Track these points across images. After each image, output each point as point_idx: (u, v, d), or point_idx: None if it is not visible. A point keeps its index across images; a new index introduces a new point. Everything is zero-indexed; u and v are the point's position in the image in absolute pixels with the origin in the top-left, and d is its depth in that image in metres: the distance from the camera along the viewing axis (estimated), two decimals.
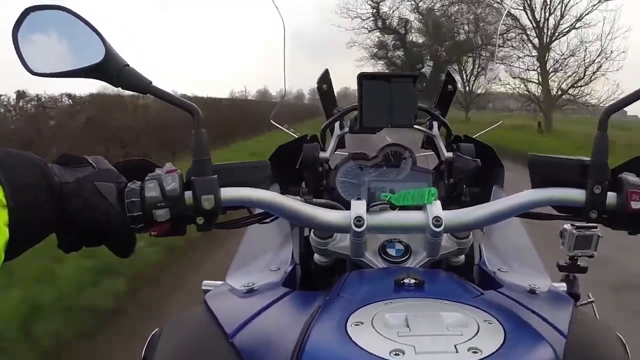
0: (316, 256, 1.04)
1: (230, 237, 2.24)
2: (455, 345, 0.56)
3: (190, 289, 2.97)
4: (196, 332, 0.77)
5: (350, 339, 0.58)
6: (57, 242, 0.75)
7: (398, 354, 0.54)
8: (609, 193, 0.81)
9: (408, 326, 0.60)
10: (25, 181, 0.65)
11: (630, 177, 0.81)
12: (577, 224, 1.28)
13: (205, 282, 1.27)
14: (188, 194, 0.77)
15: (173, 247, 4.18)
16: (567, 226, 1.31)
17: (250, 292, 0.89)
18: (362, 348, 0.56)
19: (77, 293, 3.14)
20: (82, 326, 2.85)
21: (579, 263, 1.41)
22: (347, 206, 0.84)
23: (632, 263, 4.13)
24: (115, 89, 0.83)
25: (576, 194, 0.83)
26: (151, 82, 0.79)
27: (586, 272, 1.41)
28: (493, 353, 0.55)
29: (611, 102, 0.83)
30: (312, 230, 0.96)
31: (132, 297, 3.33)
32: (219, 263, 2.00)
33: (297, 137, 1.36)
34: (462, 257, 1.03)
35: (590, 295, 1.52)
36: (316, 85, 1.36)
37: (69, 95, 9.96)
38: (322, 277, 1.04)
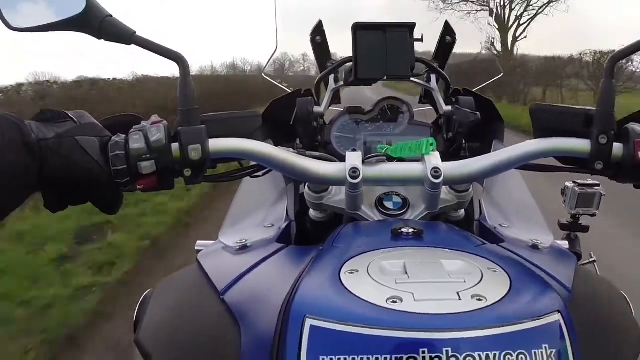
0: (311, 212, 1.01)
1: None
2: (457, 292, 0.53)
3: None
4: (187, 290, 0.75)
5: (344, 287, 0.55)
6: (43, 201, 0.73)
7: (395, 301, 0.51)
8: (615, 144, 0.78)
9: (407, 273, 0.57)
10: (0, 142, 0.63)
11: (638, 127, 0.78)
12: (580, 181, 1.26)
13: (199, 242, 1.25)
14: (175, 146, 0.74)
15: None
16: (569, 184, 1.29)
17: (243, 248, 0.86)
18: (356, 296, 0.53)
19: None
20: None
21: (580, 222, 1.40)
22: (342, 160, 0.81)
23: None
24: None
25: (581, 144, 0.80)
26: (135, 32, 0.76)
27: (588, 231, 1.40)
28: (499, 300, 0.52)
29: (618, 49, 0.79)
30: (307, 184, 0.93)
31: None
32: None
33: (290, 91, 1.32)
34: (462, 211, 1.01)
35: (592, 255, 1.50)
36: (309, 38, 1.32)
37: None
38: (317, 233, 1.02)
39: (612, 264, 2.84)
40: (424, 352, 0.46)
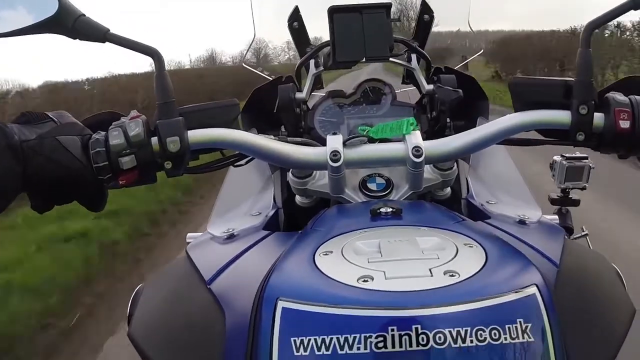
0: (297, 197, 1.01)
1: None
2: (430, 269, 0.52)
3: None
4: (177, 283, 0.75)
5: (317, 267, 0.55)
6: (30, 202, 0.74)
7: (367, 280, 0.51)
8: (596, 114, 0.78)
9: (380, 252, 0.57)
10: None
11: (618, 96, 0.78)
12: (568, 155, 1.25)
13: (189, 234, 1.25)
14: (154, 140, 0.75)
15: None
16: (557, 158, 1.28)
17: (231, 237, 0.87)
18: (327, 276, 0.53)
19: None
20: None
21: (570, 196, 1.39)
22: (325, 145, 0.81)
23: None
24: None
25: (561, 115, 0.79)
26: (109, 30, 0.76)
27: (579, 205, 1.39)
28: (472, 276, 0.51)
29: (594, 17, 0.78)
30: (290, 170, 0.92)
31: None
32: None
33: (271, 79, 1.31)
34: (448, 190, 1.00)
35: (584, 229, 1.50)
36: (287, 24, 1.31)
37: None
38: (305, 219, 1.01)
39: None
40: (392, 330, 0.46)
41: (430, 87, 1.20)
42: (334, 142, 0.79)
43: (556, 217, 1.36)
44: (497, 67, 19.92)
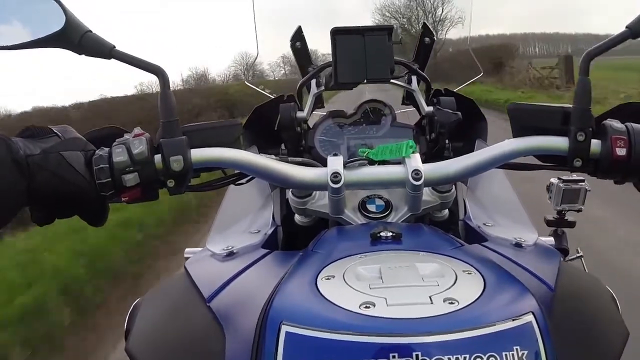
0: (297, 217, 1.02)
1: None
2: (430, 296, 0.53)
3: None
4: (175, 298, 0.75)
5: (320, 292, 0.55)
6: (30, 215, 0.74)
7: (368, 307, 0.51)
8: (593, 140, 0.79)
9: (381, 278, 0.58)
10: None
11: (615, 124, 0.79)
12: (565, 177, 1.26)
13: (187, 249, 1.25)
14: (158, 158, 0.75)
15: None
16: (554, 180, 1.29)
17: (230, 255, 0.87)
18: (330, 301, 0.53)
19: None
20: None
21: (566, 217, 1.40)
22: (326, 165, 0.82)
23: None
24: None
25: (559, 142, 0.80)
26: (114, 47, 0.76)
27: (574, 227, 1.40)
28: (471, 303, 0.52)
29: (593, 46, 0.79)
30: (291, 189, 0.93)
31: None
32: None
33: (273, 97, 1.33)
34: (446, 212, 1.01)
35: (579, 250, 1.51)
36: (290, 43, 1.33)
37: None
38: (304, 238, 1.02)
39: None
40: (394, 357, 0.46)
41: (430, 109, 1.21)
42: (335, 163, 0.80)
43: (552, 239, 1.37)
44: None
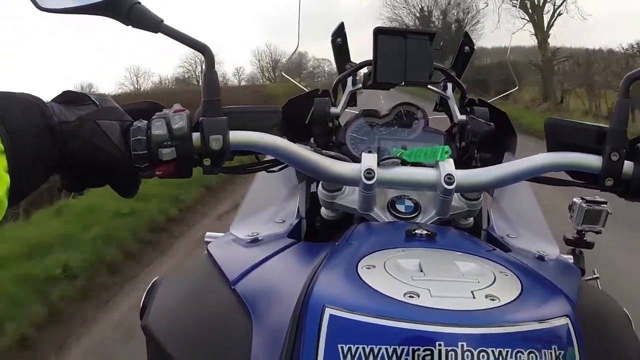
0: (323, 210, 1.03)
1: None
2: (472, 292, 0.55)
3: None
4: (197, 279, 0.76)
5: (362, 280, 0.57)
6: (61, 181, 0.74)
7: (413, 297, 0.53)
8: (626, 162, 0.79)
9: (422, 271, 0.59)
10: (22, 123, 0.63)
11: None
12: (588, 198, 1.27)
13: (208, 233, 1.27)
14: (196, 135, 0.76)
15: None
16: (577, 200, 1.30)
17: (255, 242, 0.88)
18: (374, 289, 0.55)
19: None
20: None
21: (585, 238, 1.41)
22: (356, 162, 0.83)
23: None
24: None
25: (592, 160, 0.81)
26: (162, 21, 0.77)
27: (592, 248, 1.41)
28: (511, 301, 0.54)
29: (635, 70, 0.80)
30: (321, 182, 0.94)
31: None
32: None
33: (308, 90, 1.34)
34: (471, 219, 1.02)
35: (596, 272, 1.51)
36: (330, 39, 1.34)
37: None
38: (327, 231, 1.03)
39: None
40: (440, 345, 0.48)
41: (463, 117, 1.22)
42: (370, 160, 0.81)
43: (570, 257, 1.37)
44: None
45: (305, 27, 1.49)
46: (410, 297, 0.53)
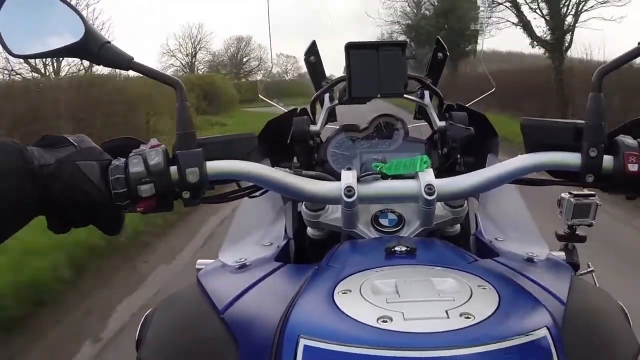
0: (309, 230, 1.02)
1: None
2: (446, 311, 0.54)
3: None
4: (188, 309, 0.76)
5: (337, 306, 0.56)
6: (47, 223, 0.75)
7: (386, 321, 0.52)
8: (605, 156, 0.79)
9: (397, 292, 0.59)
10: (2, 167, 0.66)
11: (627, 140, 0.80)
12: (575, 192, 1.27)
13: (199, 260, 1.26)
14: (173, 169, 0.76)
15: None
16: (565, 195, 1.30)
17: (243, 267, 0.87)
18: (348, 316, 0.54)
19: None
20: None
21: (577, 232, 1.40)
22: (339, 178, 0.83)
23: None
24: None
25: (571, 158, 0.81)
26: (133, 58, 0.78)
27: (585, 242, 1.40)
28: (486, 318, 0.53)
29: (606, 63, 0.80)
30: (304, 203, 0.94)
31: None
32: None
33: (286, 111, 1.34)
34: (458, 226, 1.02)
35: (590, 265, 1.51)
36: (303, 58, 1.34)
37: None
38: (316, 251, 1.03)
39: None
40: None
41: (442, 123, 1.22)
42: (349, 177, 0.80)
43: (563, 253, 1.37)
44: None
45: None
46: (383, 321, 0.52)
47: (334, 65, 1.39)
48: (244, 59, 45.46)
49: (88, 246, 3.87)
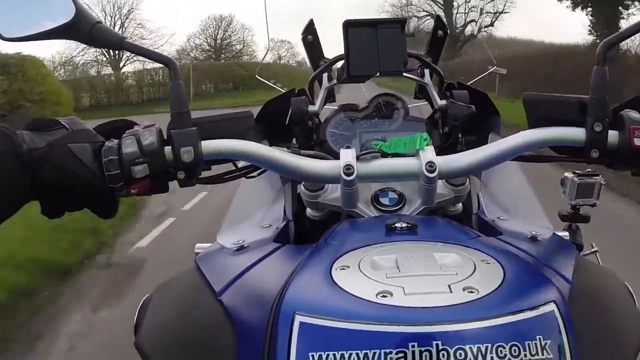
0: (308, 210, 1.02)
1: None
2: (449, 285, 0.52)
3: None
4: (186, 293, 0.76)
5: (335, 282, 0.55)
6: (40, 208, 0.74)
7: (385, 296, 0.51)
8: (610, 131, 0.78)
9: (398, 268, 0.57)
10: None
11: (633, 114, 0.78)
12: (579, 171, 1.25)
13: (197, 245, 1.25)
14: (168, 149, 0.75)
15: None
16: (568, 174, 1.28)
17: (241, 249, 0.87)
18: (345, 291, 0.53)
19: None
20: None
21: (581, 212, 1.39)
22: (338, 158, 0.81)
23: None
24: None
25: (576, 133, 0.79)
26: (125, 38, 0.77)
27: (589, 222, 1.39)
28: (491, 292, 0.52)
29: (610, 36, 0.79)
30: (302, 183, 0.93)
31: None
32: None
33: (284, 91, 1.33)
34: (460, 205, 1.01)
35: (594, 245, 1.50)
36: (301, 37, 1.33)
37: None
38: (316, 232, 1.02)
39: None
40: (413, 346, 0.46)
41: (443, 102, 1.21)
42: (347, 156, 0.79)
43: (566, 233, 1.36)
44: None
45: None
46: (382, 296, 0.51)
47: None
48: (225, 42, 43.05)
49: None
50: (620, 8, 16.47)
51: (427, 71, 1.34)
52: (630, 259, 3.11)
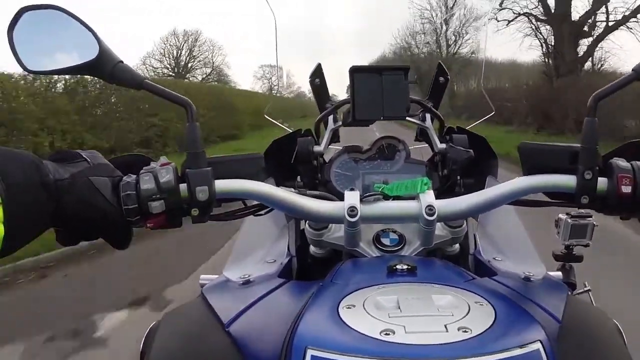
0: (312, 248, 1.05)
1: None
2: (445, 325, 0.57)
3: None
4: (193, 323, 0.78)
5: (342, 320, 0.60)
6: (56, 236, 0.77)
7: (388, 334, 0.56)
8: (599, 178, 0.81)
9: (399, 308, 0.62)
10: (19, 179, 0.67)
11: (621, 162, 0.82)
12: (573, 213, 1.29)
13: (202, 276, 1.28)
14: (183, 187, 0.78)
15: None
16: (562, 216, 1.32)
17: (247, 283, 0.89)
18: (353, 328, 0.57)
19: None
20: None
21: (574, 252, 1.42)
22: (341, 198, 0.85)
23: None
24: None
25: (567, 180, 0.83)
26: (145, 78, 0.81)
27: (582, 261, 1.42)
28: (483, 332, 0.56)
29: (601, 88, 0.83)
30: (307, 221, 0.97)
31: None
32: None
33: (291, 131, 1.37)
34: (457, 246, 1.04)
35: (587, 284, 1.53)
36: (309, 80, 1.37)
37: None
38: (318, 268, 1.05)
39: None
40: None
41: (443, 146, 1.25)
42: (352, 198, 0.82)
43: (560, 273, 1.39)
44: None
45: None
46: (386, 334, 0.56)
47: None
48: (188, 61, 38.86)
49: None
50: None
51: (428, 115, 1.39)
52: None
